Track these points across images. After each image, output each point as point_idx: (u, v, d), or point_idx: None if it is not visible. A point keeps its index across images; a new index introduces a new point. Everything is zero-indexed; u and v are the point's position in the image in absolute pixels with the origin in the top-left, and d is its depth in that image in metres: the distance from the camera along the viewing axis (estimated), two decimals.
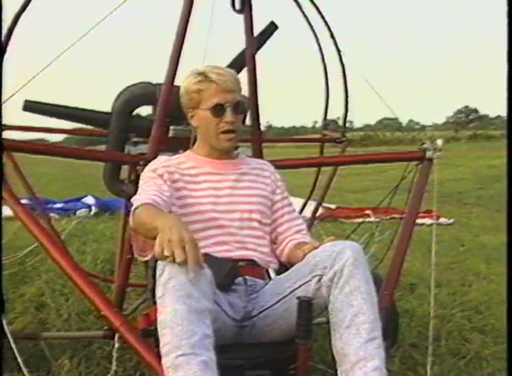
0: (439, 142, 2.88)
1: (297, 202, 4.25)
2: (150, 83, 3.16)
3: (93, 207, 8.89)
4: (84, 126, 3.69)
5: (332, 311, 1.99)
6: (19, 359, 2.18)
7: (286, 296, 2.08)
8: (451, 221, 8.28)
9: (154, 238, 1.83)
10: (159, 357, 1.93)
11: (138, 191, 2.30)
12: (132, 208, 2.14)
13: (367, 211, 7.75)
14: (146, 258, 2.28)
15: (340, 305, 1.97)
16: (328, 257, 2.02)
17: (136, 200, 2.18)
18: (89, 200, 9.18)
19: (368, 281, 2.00)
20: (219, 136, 2.34)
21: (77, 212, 8.63)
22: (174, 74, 2.66)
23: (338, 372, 1.94)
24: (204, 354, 1.75)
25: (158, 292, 1.85)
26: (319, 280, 2.02)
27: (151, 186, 2.27)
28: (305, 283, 2.05)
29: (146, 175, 2.36)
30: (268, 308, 2.11)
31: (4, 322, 2.26)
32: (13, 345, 2.20)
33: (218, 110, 2.31)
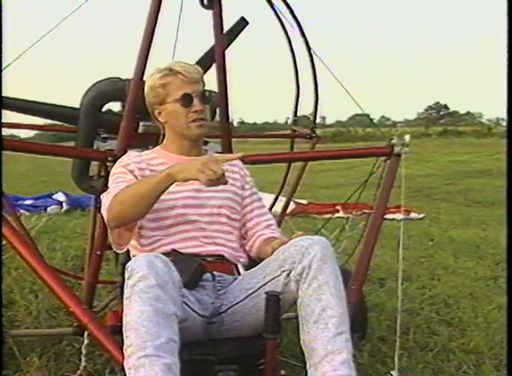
0: (406, 137, 2.91)
1: (268, 198, 4.27)
2: (119, 78, 3.13)
3: (64, 204, 8.82)
4: (54, 122, 3.66)
5: (300, 306, 2.01)
6: None
7: (255, 291, 2.10)
8: (421, 216, 8.37)
9: (162, 191, 2.05)
10: None
11: (109, 187, 2.30)
12: (106, 204, 2.15)
13: (338, 207, 7.80)
14: (123, 251, 2.30)
15: (308, 300, 1.98)
16: (297, 252, 2.03)
17: (108, 195, 2.19)
18: (60, 196, 9.09)
19: (336, 276, 2.02)
20: (189, 125, 2.34)
21: (48, 209, 8.55)
22: (144, 69, 2.64)
23: (307, 366, 1.96)
24: (168, 357, 1.75)
25: (125, 294, 1.85)
26: (288, 274, 2.03)
27: (121, 182, 2.26)
28: (274, 278, 2.06)
29: (117, 170, 2.35)
30: (237, 304, 2.12)
31: None
32: None
33: (186, 100, 2.31)
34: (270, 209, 3.81)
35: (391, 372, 2.32)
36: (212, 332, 2.13)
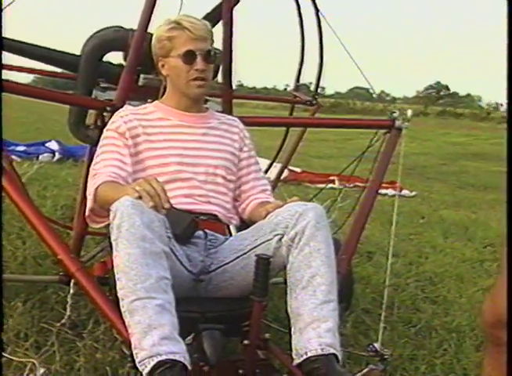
0: (409, 112, 2.89)
1: (264, 163, 4.25)
2: (123, 28, 3.07)
3: (56, 153, 8.73)
4: (53, 68, 3.59)
5: (290, 271, 2.01)
6: None
7: (246, 253, 2.09)
8: (413, 193, 8.36)
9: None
10: (113, 305, 1.93)
11: (98, 154, 2.31)
12: (94, 186, 2.16)
13: (332, 178, 7.77)
14: (98, 226, 2.28)
15: (298, 266, 1.98)
16: (291, 217, 2.02)
17: (97, 175, 2.19)
18: (53, 145, 9.00)
19: (328, 244, 2.02)
20: (189, 83, 2.31)
21: (40, 157, 8.47)
22: (149, 20, 2.59)
23: (292, 330, 1.97)
24: (159, 297, 1.76)
25: (112, 235, 1.84)
26: (280, 239, 2.03)
27: (112, 153, 2.26)
28: (266, 241, 2.06)
29: (108, 134, 2.33)
30: (227, 264, 2.12)
31: None
32: None
33: (189, 57, 2.28)
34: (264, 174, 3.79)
35: (374, 344, 2.33)
36: (200, 290, 2.13)
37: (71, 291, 2.67)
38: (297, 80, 3.91)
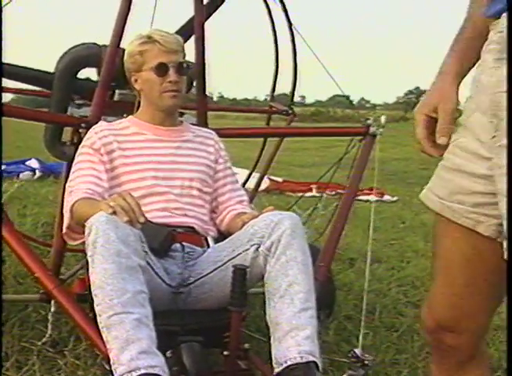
0: (382, 118, 2.91)
1: (244, 173, 4.27)
2: (96, 44, 3.08)
3: (37, 171, 8.72)
4: (29, 86, 3.59)
5: (267, 280, 2.02)
6: None
7: (224, 264, 2.10)
8: (395, 199, 8.42)
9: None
10: (91, 321, 1.93)
11: (73, 170, 2.30)
12: (70, 203, 2.16)
13: (312, 186, 7.82)
14: (75, 242, 2.27)
15: (275, 275, 1.99)
16: (266, 226, 2.03)
17: (73, 192, 2.19)
18: (33, 163, 8.98)
19: (304, 252, 2.03)
20: (163, 95, 2.32)
21: (21, 175, 8.45)
22: (121, 36, 2.60)
23: (271, 340, 1.97)
24: (136, 312, 1.76)
25: (88, 252, 1.84)
26: (257, 249, 2.04)
27: (87, 169, 2.27)
28: (243, 251, 2.07)
29: (83, 150, 2.34)
30: (205, 276, 2.12)
31: None
32: None
33: (161, 69, 2.29)
34: (244, 185, 3.81)
35: (355, 350, 2.34)
36: (179, 303, 2.13)
37: (52, 309, 2.67)
38: (273, 90, 3.95)
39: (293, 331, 1.91)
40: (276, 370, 1.90)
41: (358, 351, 2.32)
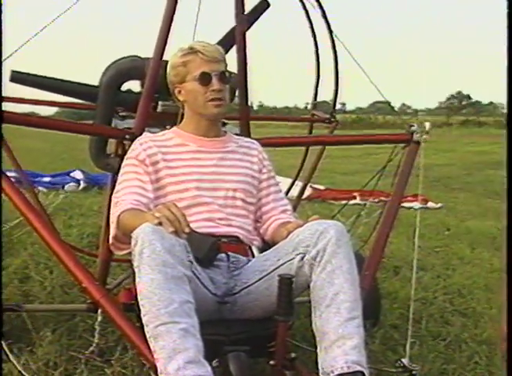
0: (427, 125, 2.88)
1: (287, 182, 4.27)
2: (139, 57, 3.12)
3: (81, 182, 8.84)
4: (74, 100, 3.65)
5: (313, 289, 2.01)
6: None
7: (269, 274, 2.09)
8: (438, 205, 8.30)
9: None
10: (138, 331, 1.95)
11: (119, 182, 2.34)
12: (116, 214, 2.18)
13: (355, 194, 7.76)
14: (122, 252, 2.29)
15: (321, 284, 1.98)
16: (311, 235, 2.03)
17: (119, 203, 2.22)
18: (77, 174, 9.12)
19: (350, 261, 2.01)
20: (207, 104, 2.34)
21: (66, 186, 8.58)
22: (164, 48, 2.63)
23: (318, 349, 1.97)
24: (183, 321, 1.77)
25: (134, 262, 1.86)
26: (302, 258, 2.03)
27: (133, 180, 2.29)
28: (288, 261, 2.06)
29: (128, 162, 2.37)
30: (251, 285, 2.12)
31: None
32: None
33: (204, 78, 2.31)
34: (287, 193, 3.81)
35: (402, 359, 2.31)
36: (224, 312, 2.13)
37: (99, 319, 2.70)
38: (315, 98, 3.94)
39: (339, 341, 1.90)
40: None
41: (405, 360, 2.30)
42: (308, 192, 8.05)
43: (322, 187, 9.04)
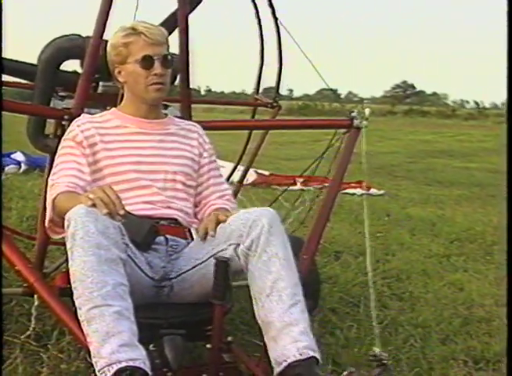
0: (367, 111, 2.90)
1: (229, 166, 4.27)
2: (79, 35, 3.04)
3: (22, 164, 8.65)
4: (12, 78, 3.55)
5: (251, 280, 2.00)
6: None
7: (203, 262, 2.07)
8: (381, 192, 8.43)
9: None
10: (73, 314, 1.92)
11: (56, 164, 2.29)
12: (52, 197, 2.13)
13: (297, 179, 7.81)
14: (58, 236, 2.23)
15: (259, 274, 1.97)
16: (243, 225, 2.02)
17: (54, 186, 2.17)
18: (19, 156, 8.90)
19: (285, 246, 2.01)
20: (148, 88, 2.30)
21: (6, 168, 8.37)
22: (104, 27, 2.57)
23: (265, 339, 1.95)
24: (117, 304, 1.75)
25: (67, 245, 1.83)
26: (235, 248, 2.02)
27: (69, 162, 2.25)
28: (221, 251, 2.04)
29: (65, 143, 2.32)
30: (186, 271, 2.09)
31: None
32: None
33: (146, 62, 2.27)
34: (228, 178, 3.81)
35: (374, 348, 2.31)
36: (162, 296, 2.12)
37: (36, 303, 2.65)
38: (258, 83, 3.93)
39: (286, 328, 1.90)
40: (277, 369, 1.88)
41: (376, 350, 2.27)
42: (252, 177, 8.09)
43: (266, 173, 9.07)
